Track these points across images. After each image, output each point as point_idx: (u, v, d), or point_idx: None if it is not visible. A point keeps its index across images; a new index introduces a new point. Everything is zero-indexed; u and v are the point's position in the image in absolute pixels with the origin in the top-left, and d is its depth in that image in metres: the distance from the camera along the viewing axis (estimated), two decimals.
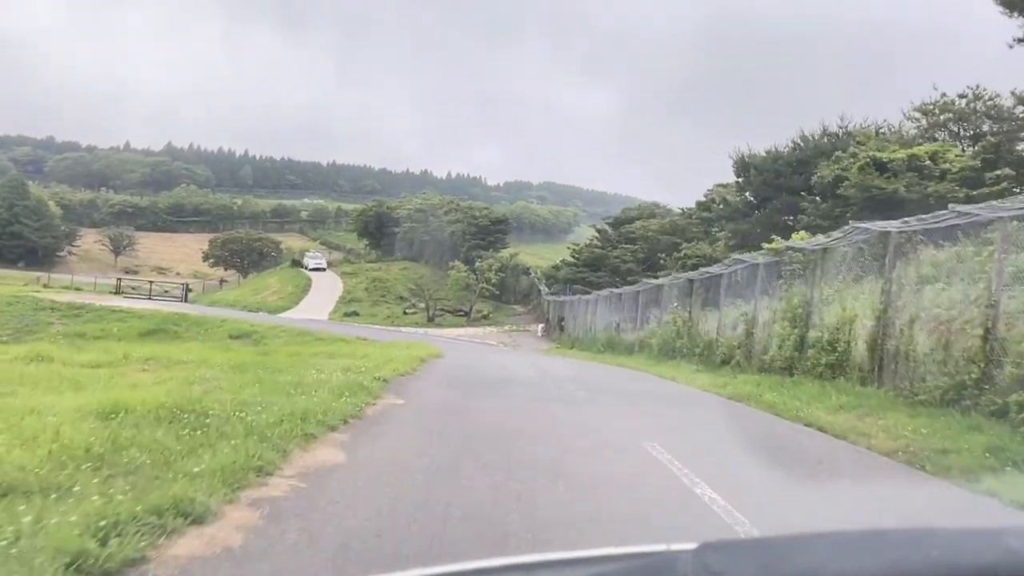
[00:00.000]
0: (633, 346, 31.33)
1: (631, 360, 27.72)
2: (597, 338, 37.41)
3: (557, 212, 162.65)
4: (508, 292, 68.96)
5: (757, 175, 34.92)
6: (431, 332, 55.70)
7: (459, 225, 74.58)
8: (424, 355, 21.29)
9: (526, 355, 33.16)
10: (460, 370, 17.11)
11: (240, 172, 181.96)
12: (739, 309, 22.55)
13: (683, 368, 22.63)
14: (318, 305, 67.76)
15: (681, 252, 40.68)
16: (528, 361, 26.75)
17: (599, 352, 34.51)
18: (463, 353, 28.46)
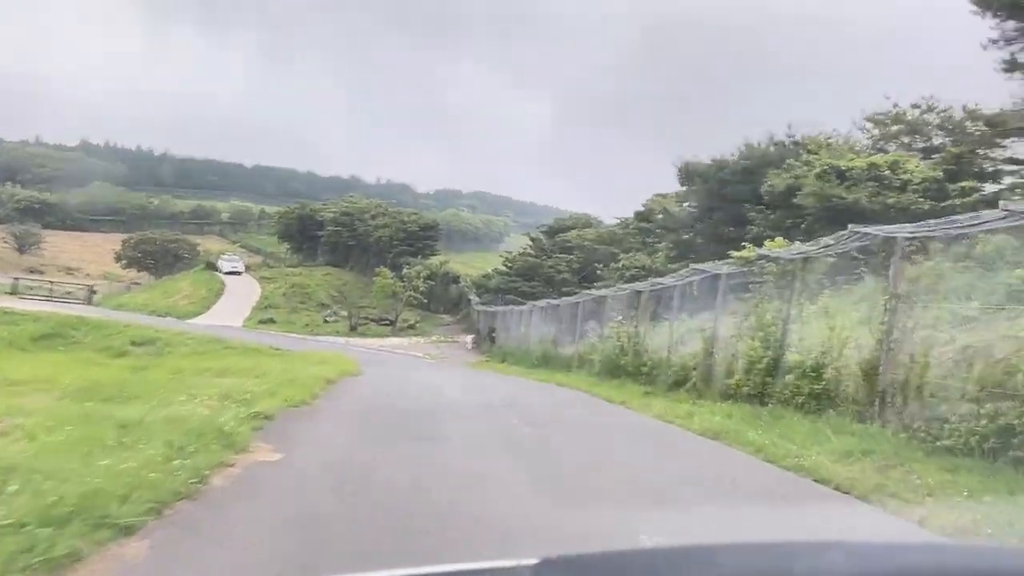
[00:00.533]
0: (571, 361, 28.66)
1: (570, 378, 25.03)
2: (531, 351, 34.66)
3: (488, 221, 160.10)
4: (437, 301, 65.80)
5: (702, 183, 32.82)
6: (353, 342, 52.22)
7: (387, 230, 71.12)
8: (336, 373, 18.17)
9: (456, 371, 30.19)
10: (377, 395, 14.07)
11: (159, 171, 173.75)
12: (695, 326, 20.08)
13: (631, 390, 20.02)
14: (232, 311, 63.48)
15: (619, 263, 38.38)
16: (459, 379, 23.81)
17: (534, 367, 31.77)
18: (385, 369, 25.34)
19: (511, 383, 23.46)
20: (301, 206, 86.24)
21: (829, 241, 13.21)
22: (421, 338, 54.95)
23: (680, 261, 34.65)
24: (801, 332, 14.57)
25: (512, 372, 30.53)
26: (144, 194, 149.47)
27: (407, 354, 44.39)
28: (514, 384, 23.28)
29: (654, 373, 20.85)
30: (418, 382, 19.68)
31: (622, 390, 20.21)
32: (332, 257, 79.43)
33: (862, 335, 12.80)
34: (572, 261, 47.63)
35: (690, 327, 20.54)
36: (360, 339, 54.29)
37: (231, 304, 65.74)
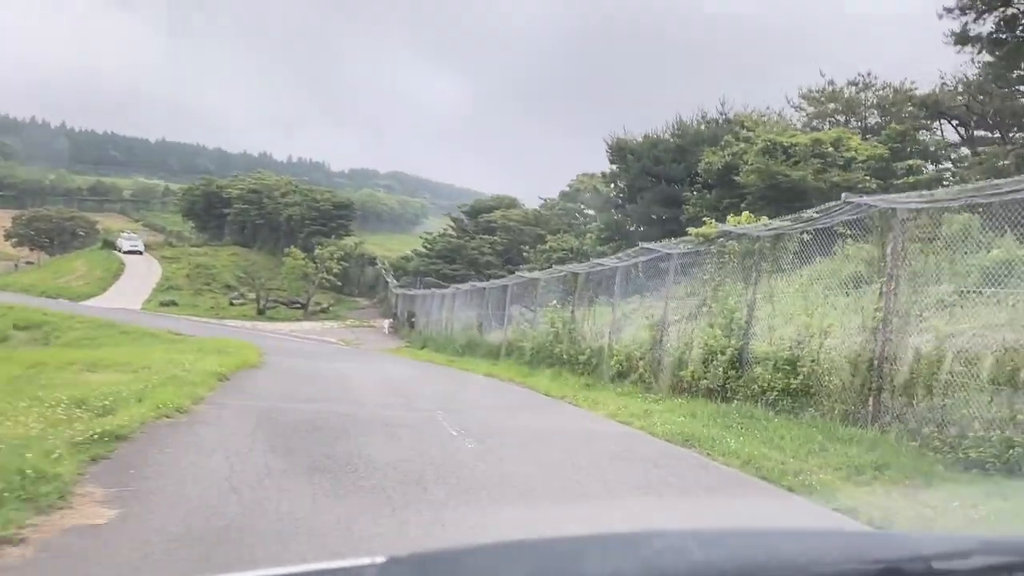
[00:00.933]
0: (499, 349, 26.55)
1: (500, 367, 22.92)
2: (455, 338, 32.41)
3: (404, 202, 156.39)
4: (351, 284, 62.72)
5: (635, 161, 31.06)
6: (261, 327, 48.91)
7: (298, 209, 67.46)
8: (233, 365, 15.55)
9: (373, 359, 27.68)
10: (278, 397, 11.57)
11: (55, 145, 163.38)
12: (641, 311, 18.21)
13: (569, 382, 18.05)
14: (131, 292, 59.24)
15: (547, 245, 36.43)
16: (377, 370, 21.39)
17: (458, 354, 29.54)
18: (292, 359, 22.68)
19: (437, 375, 21.19)
20: (207, 182, 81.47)
21: (812, 214, 11.37)
22: (335, 322, 51.97)
23: (610, 243, 32.93)
24: (770, 320, 12.81)
25: (435, 360, 28.23)
26: (38, 168, 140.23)
27: (319, 340, 41.53)
28: (441, 376, 21.01)
29: (593, 362, 18.91)
30: (330, 376, 17.17)
31: (560, 382, 18.24)
32: (240, 237, 75.21)
33: (849, 323, 11.07)
34: (496, 243, 45.41)
35: (635, 313, 18.67)
36: (269, 323, 50.96)
37: (130, 285, 61.34)
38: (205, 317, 53.20)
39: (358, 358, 27.16)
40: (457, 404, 12.69)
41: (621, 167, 32.28)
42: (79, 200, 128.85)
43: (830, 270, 11.82)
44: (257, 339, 35.46)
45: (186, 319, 51.18)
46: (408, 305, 47.06)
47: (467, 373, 22.48)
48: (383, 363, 25.04)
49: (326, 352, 30.74)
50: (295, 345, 34.11)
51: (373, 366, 23.15)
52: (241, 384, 12.61)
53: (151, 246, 74.88)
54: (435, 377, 20.66)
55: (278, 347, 30.27)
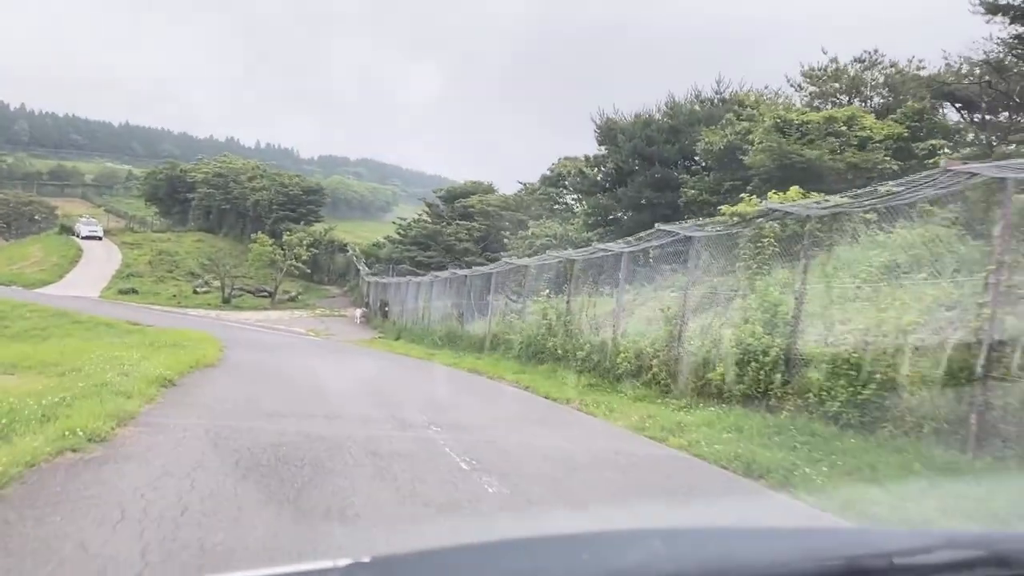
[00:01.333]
0: (482, 342, 24.35)
1: (486, 362, 20.73)
2: (432, 329, 30.12)
3: (375, 189, 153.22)
4: (321, 271, 60.04)
5: (626, 142, 28.87)
6: (225, 316, 46.22)
7: (265, 193, 64.51)
8: (186, 364, 13.18)
9: (346, 353, 25.31)
10: (233, 410, 9.24)
11: (14, 127, 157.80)
12: (654, 302, 16.10)
13: (569, 381, 15.92)
14: (89, 280, 56.02)
15: (529, 231, 34.20)
16: (352, 367, 19.10)
17: (436, 346, 27.29)
18: (255, 353, 20.29)
19: (419, 374, 18.90)
20: (171, 166, 78.08)
21: (892, 188, 9.25)
22: (304, 311, 49.37)
23: (597, 228, 30.80)
24: (825, 314, 10.73)
25: (413, 354, 25.94)
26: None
27: (288, 331, 38.99)
28: (423, 374, 18.73)
29: (594, 359, 16.78)
30: (299, 377, 14.81)
31: (557, 381, 16.12)
32: (205, 223, 72.04)
33: (936, 319, 9.03)
34: (474, 229, 43.05)
35: (643, 304, 16.58)
36: (234, 313, 48.22)
37: (89, 272, 58.12)
38: (167, 306, 50.32)
39: (330, 352, 24.78)
40: (453, 415, 10.46)
41: (610, 148, 30.07)
42: (39, 184, 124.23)
43: (911, 256, 9.70)
44: (220, 330, 32.90)
45: (146, 308, 48.28)
46: (381, 294, 44.65)
47: (451, 370, 20.26)
48: (358, 358, 22.69)
49: (295, 344, 28.30)
50: (261, 337, 31.60)
51: (347, 362, 20.82)
52: (190, 392, 10.25)
53: (112, 232, 71.42)
54: (417, 376, 18.39)
55: (242, 339, 27.80)
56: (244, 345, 24.17)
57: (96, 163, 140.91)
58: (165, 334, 28.13)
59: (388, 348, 29.35)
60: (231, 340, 25.78)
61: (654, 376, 13.97)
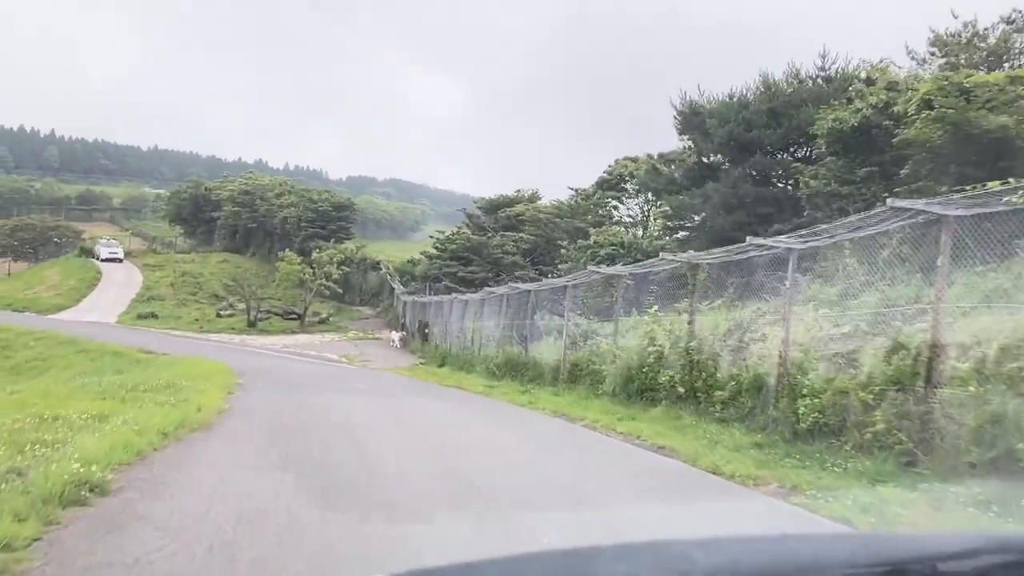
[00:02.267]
0: (555, 372, 19.45)
1: (568, 401, 15.86)
2: (487, 355, 25.20)
3: (404, 208, 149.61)
4: (353, 291, 55.57)
5: (719, 127, 23.87)
6: (250, 341, 41.76)
7: (293, 210, 60.26)
8: (168, 425, 8.51)
9: (389, 388, 20.54)
10: (233, 494, 4.36)
11: (44, 153, 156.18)
12: (847, 322, 11.11)
13: (711, 434, 11.11)
14: (107, 303, 52.08)
15: (590, 239, 29.33)
16: (401, 412, 14.27)
17: (494, 376, 22.44)
18: (278, 392, 15.59)
19: (493, 421, 13.96)
20: (195, 185, 74.24)
21: None
22: (335, 335, 44.77)
23: (677, 232, 25.85)
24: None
25: (469, 386, 21.09)
26: (24, 177, 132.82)
27: (319, 356, 34.38)
28: (500, 423, 13.77)
29: (745, 403, 11.84)
30: (331, 435, 9.96)
31: (694, 435, 11.31)
32: (231, 243, 68.02)
33: None
34: (521, 240, 38.22)
35: (830, 322, 11.57)
36: (260, 337, 43.77)
37: (107, 296, 54.22)
38: (188, 331, 46.09)
39: (369, 387, 19.98)
40: (593, 519, 5.63)
41: (695, 137, 25.05)
42: (67, 209, 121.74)
43: None
44: (241, 358, 28.37)
45: (165, 333, 44.06)
46: (419, 314, 39.94)
47: (528, 412, 15.39)
48: (409, 397, 17.82)
49: (326, 376, 23.58)
50: (287, 365, 26.97)
51: (393, 403, 15.93)
52: (151, 487, 5.45)
53: (133, 253, 67.61)
54: (492, 425, 13.48)
55: (264, 370, 23.18)
56: (265, 378, 19.51)
57: (124, 187, 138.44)
58: (173, 365, 23.65)
59: (435, 378, 24.51)
60: (251, 372, 21.17)
61: (876, 436, 8.96)
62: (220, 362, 23.66)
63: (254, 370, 22.38)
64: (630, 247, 28.41)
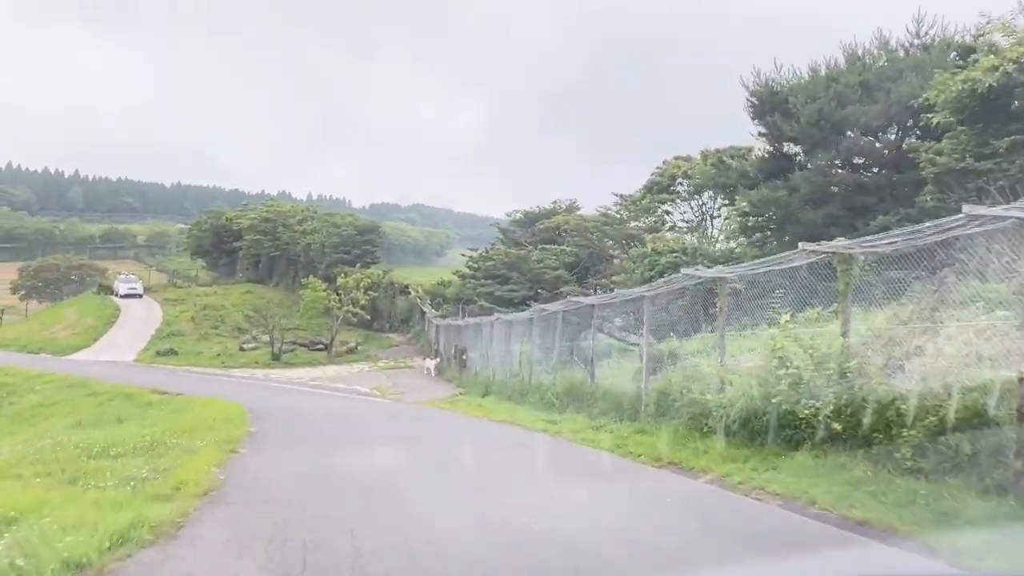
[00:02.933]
0: (635, 404, 15.84)
1: (669, 443, 12.22)
2: (540, 382, 21.67)
3: (429, 233, 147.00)
4: (381, 318, 52.38)
5: (806, 103, 20.21)
6: (274, 376, 38.55)
7: (317, 236, 57.38)
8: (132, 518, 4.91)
9: (433, 429, 17.07)
10: None
11: (68, 194, 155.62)
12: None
13: (954, 512, 7.46)
14: (126, 341, 49.27)
15: (647, 247, 25.80)
16: (458, 468, 10.72)
17: (554, 409, 18.94)
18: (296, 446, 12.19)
19: (583, 478, 10.36)
20: (215, 215, 71.67)
21: None
22: (365, 364, 41.49)
23: (755, 233, 22.27)
24: None
25: (525, 422, 17.55)
26: (48, 219, 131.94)
27: (347, 390, 31.08)
28: (591, 482, 10.16)
29: (946, 447, 8.23)
30: (373, 527, 6.43)
31: (900, 501, 7.64)
32: (253, 273, 65.26)
33: None
34: (564, 253, 34.68)
35: None
36: (285, 370, 40.61)
37: (126, 333, 51.45)
38: (210, 367, 43.06)
39: (411, 429, 16.48)
40: None
41: (779, 117, 21.26)
42: (91, 248, 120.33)
43: None
44: (262, 396, 25.10)
45: (185, 371, 41.04)
46: (454, 339, 36.53)
47: (621, 460, 11.83)
48: (458, 439, 14.31)
49: (358, 416, 20.18)
50: (313, 403, 23.64)
51: (456, 462, 12.33)
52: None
53: (153, 288, 65.00)
54: (579, 483, 9.92)
55: (285, 411, 19.87)
56: (284, 424, 16.15)
57: (149, 224, 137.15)
58: (181, 410, 20.47)
59: (483, 412, 21.00)
60: (269, 415, 17.84)
61: None
62: (236, 403, 20.40)
63: (273, 412, 19.04)
64: (694, 253, 24.85)
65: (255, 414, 17.84)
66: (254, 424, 15.50)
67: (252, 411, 18.54)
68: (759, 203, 20.83)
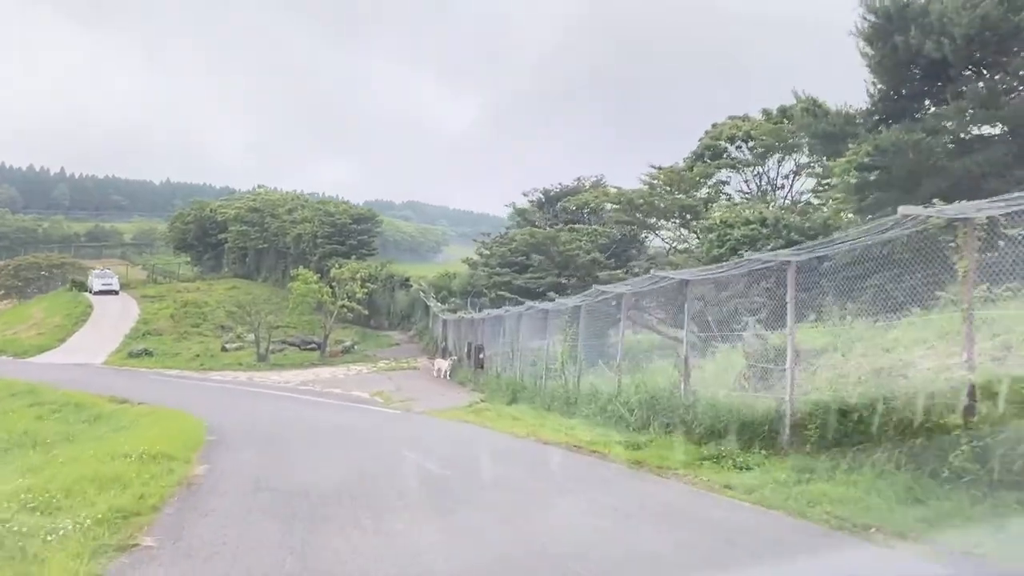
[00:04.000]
0: (774, 421, 10.47)
1: (899, 500, 6.88)
2: (595, 390, 16.14)
3: (425, 230, 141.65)
4: (379, 314, 46.94)
5: (964, 11, 14.81)
6: (259, 379, 33.08)
7: (308, 226, 51.88)
8: None
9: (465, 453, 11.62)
10: None
11: (54, 192, 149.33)
12: None
13: None
14: (97, 342, 43.68)
15: (713, 217, 20.48)
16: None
17: (627, 426, 13.60)
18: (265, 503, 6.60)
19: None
20: (199, 206, 65.97)
21: None
22: (363, 365, 36.00)
23: (872, 194, 16.90)
24: None
25: (600, 446, 12.21)
26: (31, 217, 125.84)
27: (344, 396, 25.68)
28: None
29: None
30: None
31: None
32: (241, 268, 59.64)
33: None
34: (599, 233, 29.11)
35: None
36: (272, 373, 35.10)
37: (97, 333, 45.85)
38: (187, 369, 37.55)
39: (437, 460, 11.04)
40: None
41: (915, 35, 15.83)
42: (76, 246, 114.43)
43: None
44: (237, 405, 19.78)
45: (158, 374, 35.54)
46: (466, 335, 31.15)
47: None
48: (531, 488, 8.81)
49: (358, 435, 14.71)
50: (300, 416, 18.22)
51: (542, 540, 6.89)
52: None
53: (132, 284, 59.34)
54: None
55: (260, 428, 14.47)
56: (253, 453, 10.72)
57: (136, 222, 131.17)
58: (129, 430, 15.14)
59: (526, 429, 15.55)
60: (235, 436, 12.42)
61: None
62: (198, 419, 15.00)
63: (242, 432, 13.63)
64: (776, 224, 19.52)
65: (218, 437, 12.46)
66: (207, 458, 10.13)
67: (215, 431, 13.15)
68: (885, 150, 15.34)
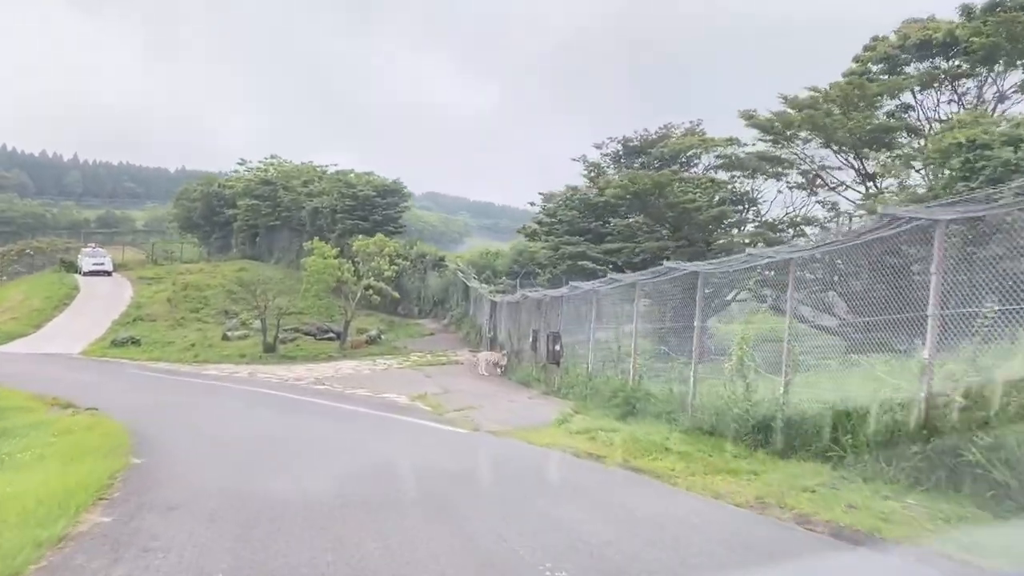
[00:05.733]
0: None
1: None
2: (801, 413, 8.31)
3: (447, 220, 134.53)
4: (409, 299, 39.44)
5: None
6: (263, 374, 25.74)
7: (326, 199, 44.44)
8: None
9: None
10: None
11: (66, 179, 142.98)
12: None
13: None
14: (80, 328, 36.61)
15: (947, 137, 12.87)
16: None
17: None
18: None
19: None
20: (206, 182, 58.73)
21: None
22: (392, 359, 28.47)
23: None
24: None
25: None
26: (39, 202, 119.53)
27: (374, 399, 18.29)
28: None
29: None
30: None
31: None
32: (251, 249, 52.30)
33: None
34: (714, 186, 21.22)
35: None
36: (280, 366, 27.67)
37: (81, 318, 38.75)
38: (179, 361, 30.27)
39: None
40: None
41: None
42: (85, 232, 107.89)
43: None
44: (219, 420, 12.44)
45: (140, 367, 28.29)
46: (530, 320, 23.52)
47: None
48: None
49: (422, 479, 7.03)
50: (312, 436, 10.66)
51: None
52: None
53: (128, 265, 52.17)
54: None
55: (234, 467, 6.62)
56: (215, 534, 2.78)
57: (148, 210, 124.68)
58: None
59: (756, 494, 7.77)
60: (185, 484, 4.50)
61: None
62: (131, 459, 7.56)
63: (200, 481, 6.03)
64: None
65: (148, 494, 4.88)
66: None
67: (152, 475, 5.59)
68: None
